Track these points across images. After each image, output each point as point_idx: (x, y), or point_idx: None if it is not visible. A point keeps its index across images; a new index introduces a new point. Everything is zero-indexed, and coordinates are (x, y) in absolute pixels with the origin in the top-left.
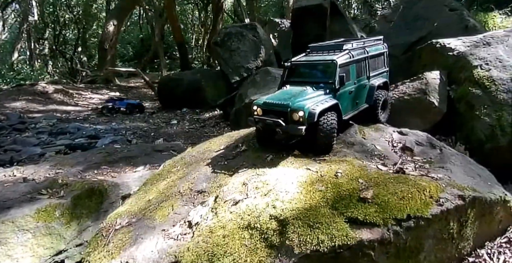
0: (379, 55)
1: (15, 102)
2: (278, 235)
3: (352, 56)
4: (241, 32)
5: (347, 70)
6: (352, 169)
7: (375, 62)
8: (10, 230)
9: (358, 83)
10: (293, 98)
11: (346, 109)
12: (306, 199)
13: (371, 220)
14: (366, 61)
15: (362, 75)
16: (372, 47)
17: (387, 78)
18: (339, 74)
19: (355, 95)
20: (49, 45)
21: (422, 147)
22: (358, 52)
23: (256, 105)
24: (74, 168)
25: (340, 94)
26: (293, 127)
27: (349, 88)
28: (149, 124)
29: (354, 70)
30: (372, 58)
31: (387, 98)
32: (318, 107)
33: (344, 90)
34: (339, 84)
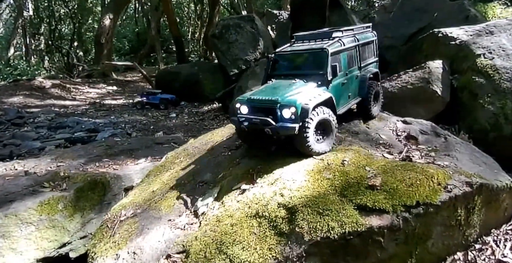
0: (369, 43)
1: (13, 97)
2: (287, 223)
3: (343, 44)
4: (239, 24)
5: (338, 59)
6: (358, 157)
7: (366, 51)
8: (13, 224)
9: (350, 74)
10: (282, 92)
11: (339, 103)
12: (314, 187)
13: (380, 206)
14: (357, 50)
15: (354, 65)
16: (362, 34)
17: (377, 69)
18: (331, 64)
19: (347, 87)
20: (45, 40)
21: (426, 136)
22: (348, 40)
23: (240, 102)
24: (76, 161)
25: (333, 86)
26: (284, 125)
27: (341, 79)
28: (148, 117)
29: (345, 60)
30: (362, 46)
31: (379, 90)
32: (312, 102)
33: (336, 82)
34: (331, 75)
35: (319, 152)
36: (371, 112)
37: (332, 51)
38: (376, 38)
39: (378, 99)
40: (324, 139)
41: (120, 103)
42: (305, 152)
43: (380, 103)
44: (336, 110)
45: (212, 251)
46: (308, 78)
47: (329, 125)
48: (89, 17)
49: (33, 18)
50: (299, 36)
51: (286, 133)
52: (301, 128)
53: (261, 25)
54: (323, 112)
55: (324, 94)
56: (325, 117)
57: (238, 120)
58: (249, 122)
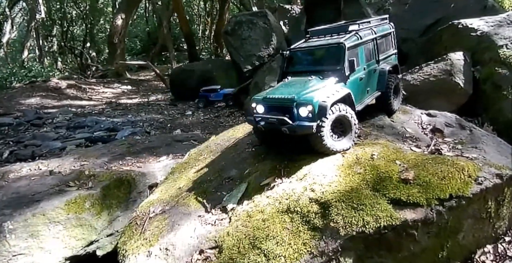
0: (387, 36)
1: (30, 98)
2: (321, 218)
3: (360, 38)
4: (252, 20)
5: (356, 53)
6: (387, 151)
7: (384, 44)
8: (41, 223)
9: (368, 68)
10: (298, 90)
11: (357, 99)
12: (346, 182)
13: (414, 200)
14: (374, 43)
15: (372, 59)
16: (379, 27)
17: (396, 61)
18: (348, 58)
19: (366, 82)
20: (58, 42)
21: (452, 129)
22: (365, 33)
23: (256, 101)
24: (99, 159)
25: (350, 82)
26: (301, 124)
27: (359, 74)
28: (165, 115)
29: (363, 54)
30: (380, 39)
31: (399, 83)
32: (330, 99)
33: (354, 77)
34: (349, 70)
35: (337, 150)
36: (392, 106)
37: (349, 46)
38: (394, 30)
39: (398, 92)
40: (343, 137)
41: (136, 102)
42: (323, 151)
43: (400, 96)
44: (355, 106)
45: (245, 246)
46: (325, 74)
47: (348, 122)
48: (100, 18)
49: (45, 21)
50: (314, 31)
51: (304, 132)
52: (318, 127)
53: (274, 21)
54: (340, 109)
55: (342, 90)
56: (342, 114)
57: (254, 120)
58: (266, 121)
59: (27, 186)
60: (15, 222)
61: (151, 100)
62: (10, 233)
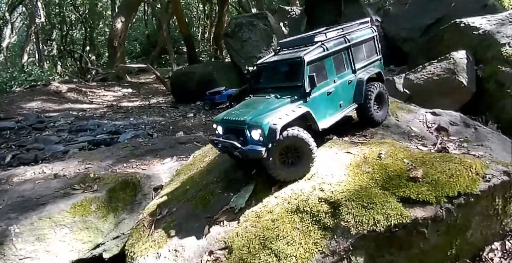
0: (367, 41)
1: (31, 102)
2: (331, 217)
3: (326, 49)
4: (252, 21)
5: (321, 67)
6: (394, 150)
7: (362, 51)
8: (47, 226)
9: (339, 79)
10: (253, 111)
11: (324, 116)
12: (355, 181)
13: (424, 198)
14: (348, 52)
15: (345, 69)
16: (355, 33)
17: (381, 68)
18: (308, 74)
19: (336, 95)
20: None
21: (456, 127)
22: (335, 43)
23: (216, 122)
24: (104, 162)
25: (313, 99)
26: (252, 149)
27: (326, 88)
28: (166, 118)
29: (332, 66)
30: (356, 46)
31: (383, 92)
32: (281, 121)
33: (319, 93)
34: (309, 87)
35: (287, 179)
36: (373, 118)
37: (309, 60)
38: (377, 34)
39: (383, 102)
40: (298, 162)
41: (137, 105)
42: (277, 179)
43: (386, 106)
44: (318, 125)
45: (255, 246)
46: (287, 91)
47: (304, 146)
48: (99, 21)
49: (45, 25)
50: (284, 43)
51: (255, 156)
52: (268, 152)
53: (274, 22)
54: (291, 134)
55: (299, 110)
56: (294, 138)
57: (213, 142)
58: (222, 144)
59: (32, 190)
60: (21, 225)
61: (152, 102)
62: (16, 236)
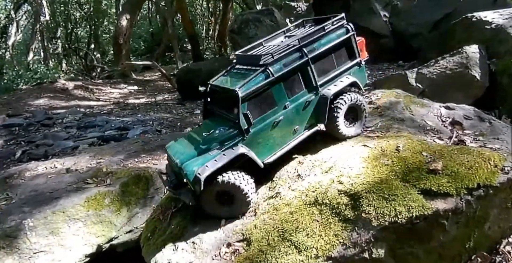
0: (338, 46)
1: (38, 99)
2: (351, 209)
3: (272, 74)
4: (258, 18)
5: (266, 95)
6: (412, 143)
7: (331, 59)
8: (61, 220)
9: (293, 103)
10: (188, 150)
11: (271, 148)
12: (374, 173)
13: (444, 190)
14: (307, 67)
15: (302, 89)
16: (322, 38)
17: (361, 73)
18: (243, 111)
19: (288, 122)
20: (62, 44)
21: (471, 121)
22: (286, 62)
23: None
24: (115, 157)
25: (255, 133)
26: (185, 194)
27: (272, 118)
28: (174, 114)
29: (282, 90)
30: (320, 56)
31: (358, 104)
32: (207, 170)
33: (262, 125)
34: (245, 124)
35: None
36: (341, 135)
37: (245, 95)
38: (354, 33)
39: (357, 116)
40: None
41: (143, 102)
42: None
43: (362, 120)
44: (259, 162)
45: (275, 239)
46: (230, 123)
47: (236, 191)
48: (104, 19)
49: (49, 23)
50: (240, 56)
51: (188, 203)
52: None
53: (280, 18)
54: (223, 180)
55: (230, 153)
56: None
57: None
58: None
59: (44, 184)
60: (35, 219)
61: (159, 99)
62: (30, 230)
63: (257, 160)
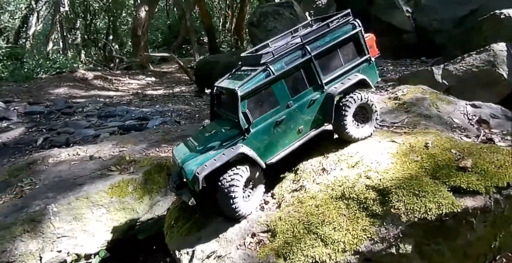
0: (344, 43)
1: (58, 88)
2: (380, 205)
3: (272, 73)
4: (278, 10)
5: (268, 94)
6: (440, 140)
7: (337, 56)
8: (85, 206)
9: (296, 102)
10: (191, 150)
11: (273, 148)
12: (403, 169)
13: (474, 188)
14: (309, 66)
15: (306, 87)
16: (326, 36)
17: (372, 71)
18: (243, 110)
19: (291, 121)
20: (81, 35)
21: (497, 120)
22: (287, 60)
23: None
24: (137, 146)
25: (256, 133)
26: (185, 193)
27: (274, 118)
28: (192, 106)
29: (285, 88)
30: (325, 54)
31: (368, 103)
32: (206, 169)
33: (264, 124)
34: (245, 124)
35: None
36: (350, 137)
37: (244, 94)
38: (361, 29)
39: (367, 116)
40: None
41: (161, 93)
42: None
43: (374, 120)
44: (261, 163)
45: (300, 231)
46: (232, 123)
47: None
48: (122, 11)
49: (69, 14)
50: (244, 57)
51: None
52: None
53: (300, 11)
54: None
55: (230, 153)
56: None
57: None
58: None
59: (68, 171)
60: (59, 205)
61: (176, 91)
62: (54, 215)
63: (258, 160)
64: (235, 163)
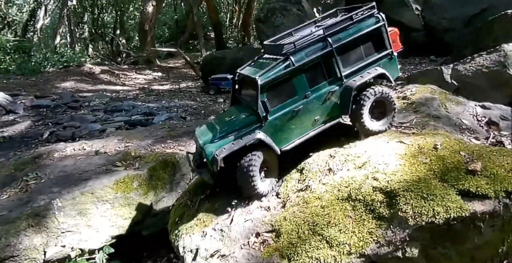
0: (366, 36)
1: (65, 82)
2: (387, 207)
3: (292, 64)
4: (285, 6)
5: (287, 84)
6: (450, 142)
7: (358, 50)
8: (89, 201)
9: (314, 93)
10: (212, 132)
11: (288, 138)
12: (412, 171)
13: (483, 192)
14: (329, 58)
15: (325, 79)
16: (349, 28)
17: (393, 66)
18: (262, 98)
19: (307, 111)
20: (89, 29)
21: (507, 122)
22: (308, 52)
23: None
24: (143, 141)
25: (273, 120)
26: (205, 173)
27: (291, 107)
28: (197, 102)
29: (303, 80)
30: (346, 46)
31: (387, 97)
32: (224, 152)
33: (281, 113)
34: (263, 112)
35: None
36: (366, 129)
37: (264, 83)
38: (384, 23)
39: (385, 110)
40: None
41: (167, 89)
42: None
43: (391, 115)
44: (276, 149)
45: (305, 232)
46: (251, 110)
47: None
48: (130, 5)
49: (76, 8)
50: (267, 45)
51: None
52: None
53: (308, 7)
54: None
55: (247, 138)
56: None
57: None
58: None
59: (73, 165)
60: (64, 200)
61: (182, 87)
62: (59, 210)
63: (274, 146)
64: (252, 148)
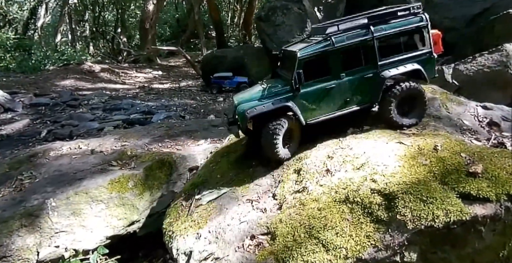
0: (408, 32)
1: (64, 80)
2: (385, 210)
3: (333, 44)
4: (286, 5)
5: (324, 61)
6: (450, 143)
7: (398, 43)
8: (84, 201)
9: (349, 76)
10: (247, 97)
11: (316, 113)
12: (411, 173)
13: (484, 195)
14: (369, 45)
15: (362, 64)
16: (392, 21)
17: (430, 66)
18: (297, 70)
19: (339, 91)
20: (90, 27)
21: (509, 123)
22: (349, 36)
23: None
24: (140, 140)
25: (305, 93)
26: (234, 129)
27: (323, 85)
28: (197, 101)
29: (339, 60)
30: (387, 38)
31: (418, 93)
32: (255, 111)
33: (314, 88)
34: (297, 83)
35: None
36: (393, 122)
37: (302, 56)
38: (428, 23)
39: (415, 106)
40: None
41: (168, 87)
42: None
43: (421, 111)
44: (302, 120)
45: (301, 235)
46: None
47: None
48: (131, 3)
49: (77, 6)
50: (314, 28)
51: (233, 134)
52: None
53: (309, 6)
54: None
55: (277, 103)
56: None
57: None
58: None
59: (68, 164)
60: (58, 199)
61: (182, 85)
62: (52, 210)
63: (300, 117)
64: (280, 115)
